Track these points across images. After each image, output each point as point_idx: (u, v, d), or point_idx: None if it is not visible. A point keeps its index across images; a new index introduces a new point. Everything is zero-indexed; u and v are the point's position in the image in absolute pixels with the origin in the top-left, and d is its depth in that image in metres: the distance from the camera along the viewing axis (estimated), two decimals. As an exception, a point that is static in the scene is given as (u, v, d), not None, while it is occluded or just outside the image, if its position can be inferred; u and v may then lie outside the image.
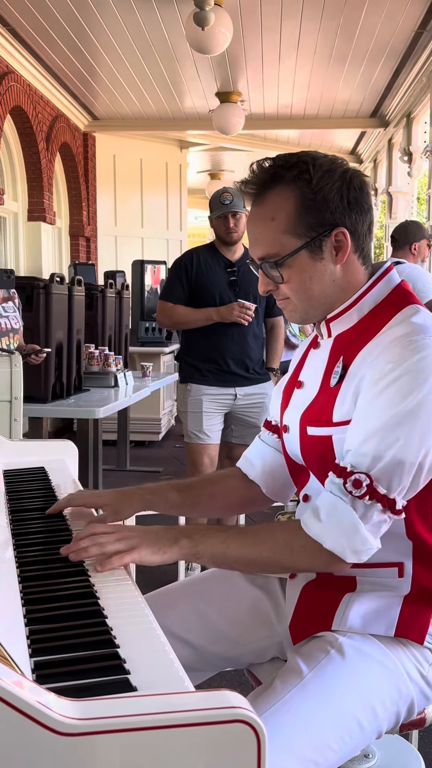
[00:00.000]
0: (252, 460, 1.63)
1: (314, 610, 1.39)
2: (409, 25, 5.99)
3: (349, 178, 1.35)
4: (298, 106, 8.48)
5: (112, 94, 8.02)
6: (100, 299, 5.29)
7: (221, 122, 7.84)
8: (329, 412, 1.35)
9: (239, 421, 3.61)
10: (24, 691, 0.73)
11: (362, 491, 1.23)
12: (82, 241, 9.12)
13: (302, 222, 1.33)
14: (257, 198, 1.37)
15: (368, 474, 1.23)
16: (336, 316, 1.40)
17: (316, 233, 1.33)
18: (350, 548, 1.25)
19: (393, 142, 9.00)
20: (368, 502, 1.23)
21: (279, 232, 1.34)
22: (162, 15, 5.82)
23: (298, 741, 1.18)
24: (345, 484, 1.25)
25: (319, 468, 1.40)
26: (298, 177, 1.33)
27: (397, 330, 1.29)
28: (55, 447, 2.08)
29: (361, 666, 1.29)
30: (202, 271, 3.51)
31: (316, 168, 1.34)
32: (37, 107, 7.39)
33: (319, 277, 1.36)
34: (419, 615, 1.34)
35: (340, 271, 1.37)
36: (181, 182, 10.47)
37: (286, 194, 1.34)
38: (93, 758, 0.73)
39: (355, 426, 1.28)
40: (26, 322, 3.85)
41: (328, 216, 1.33)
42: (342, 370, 1.35)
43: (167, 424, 7.56)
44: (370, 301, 1.38)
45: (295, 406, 1.47)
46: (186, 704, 0.77)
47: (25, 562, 1.31)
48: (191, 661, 1.44)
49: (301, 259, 1.35)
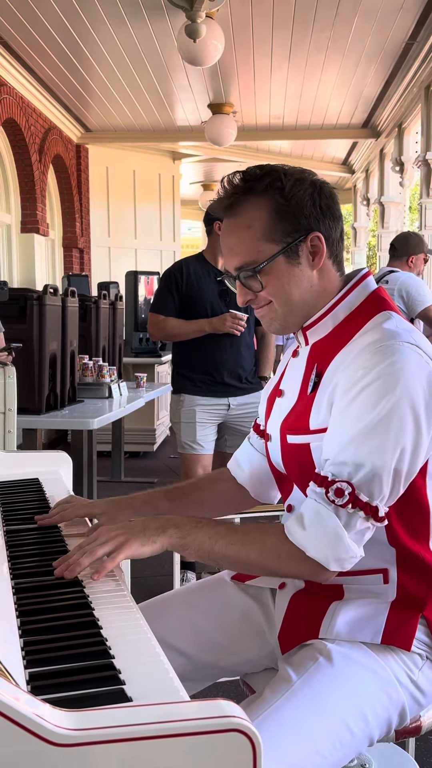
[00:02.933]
0: (241, 463, 1.65)
1: (302, 618, 1.39)
2: (399, 36, 6.03)
3: (319, 186, 1.38)
4: (289, 117, 8.52)
5: (105, 106, 8.05)
6: (93, 310, 5.28)
7: (214, 133, 7.87)
8: (306, 419, 1.36)
9: (233, 430, 3.61)
10: (20, 703, 0.72)
11: (345, 500, 1.23)
12: (76, 252, 9.14)
13: (278, 228, 1.35)
14: (231, 209, 1.38)
15: (350, 482, 1.24)
16: (312, 324, 1.41)
17: (292, 238, 1.35)
18: (333, 557, 1.24)
19: (385, 153, 9.05)
20: (351, 511, 1.23)
21: (255, 240, 1.36)
22: (154, 27, 5.85)
23: (288, 748, 1.18)
24: (327, 494, 1.25)
25: (300, 477, 1.41)
26: (270, 186, 1.35)
27: (368, 336, 1.30)
28: (50, 458, 2.08)
29: (350, 672, 1.29)
30: (192, 282, 3.50)
31: (287, 176, 1.37)
32: (30, 119, 7.41)
33: (297, 283, 1.37)
34: (406, 621, 1.35)
35: (316, 277, 1.39)
36: (174, 193, 10.50)
37: (259, 203, 1.35)
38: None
39: (331, 435, 1.29)
40: (20, 334, 3.85)
41: (303, 221, 1.35)
42: (316, 377, 1.37)
43: (162, 435, 7.56)
44: (344, 308, 1.39)
45: (276, 414, 1.49)
46: (181, 714, 0.77)
47: (19, 574, 1.31)
48: (185, 671, 1.44)
49: (278, 265, 1.36)
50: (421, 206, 6.85)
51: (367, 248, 12.63)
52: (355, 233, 11.75)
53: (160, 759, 0.74)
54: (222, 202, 1.39)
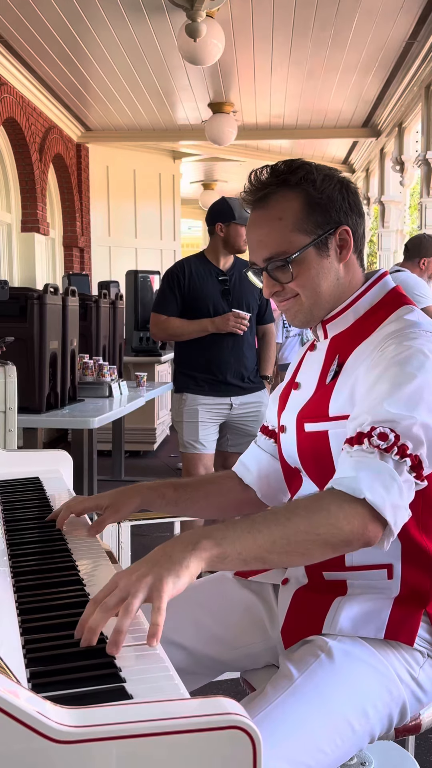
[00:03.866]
0: (248, 465, 1.64)
1: (305, 614, 1.39)
2: (399, 35, 6.03)
3: (346, 183, 1.43)
4: (290, 117, 8.52)
5: (105, 106, 8.05)
6: (94, 309, 5.28)
7: (214, 133, 7.87)
8: (325, 407, 1.37)
9: (235, 430, 3.61)
10: (20, 700, 0.73)
11: (389, 443, 1.18)
12: (76, 251, 9.14)
13: (310, 220, 1.37)
14: (261, 202, 1.40)
15: (393, 429, 1.20)
16: (332, 318, 1.43)
17: (323, 231, 1.38)
18: (390, 501, 1.16)
19: (385, 152, 9.05)
20: (396, 457, 1.18)
21: (287, 231, 1.37)
22: (154, 27, 5.85)
23: (288, 744, 1.18)
24: (370, 440, 1.19)
25: (315, 467, 1.41)
26: (303, 179, 1.38)
27: (392, 326, 1.33)
28: (50, 457, 2.08)
29: (351, 668, 1.29)
30: (194, 282, 3.50)
31: (318, 171, 1.40)
32: (30, 119, 7.41)
33: (326, 274, 1.40)
34: (409, 617, 1.35)
35: (342, 270, 1.42)
36: (175, 192, 10.50)
37: (291, 195, 1.38)
38: (90, 766, 0.73)
39: (362, 403, 1.27)
40: (20, 333, 3.85)
41: (334, 214, 1.39)
42: (337, 367, 1.38)
43: (162, 434, 7.56)
44: (365, 303, 1.42)
45: (292, 406, 1.49)
46: (182, 711, 0.77)
47: (20, 572, 1.31)
48: (186, 665, 1.44)
49: (309, 256, 1.38)
50: (421, 205, 6.85)
51: (368, 247, 12.62)
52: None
53: (160, 756, 0.74)
54: (253, 195, 1.41)
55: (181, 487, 1.60)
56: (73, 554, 1.40)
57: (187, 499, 1.60)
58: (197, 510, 1.69)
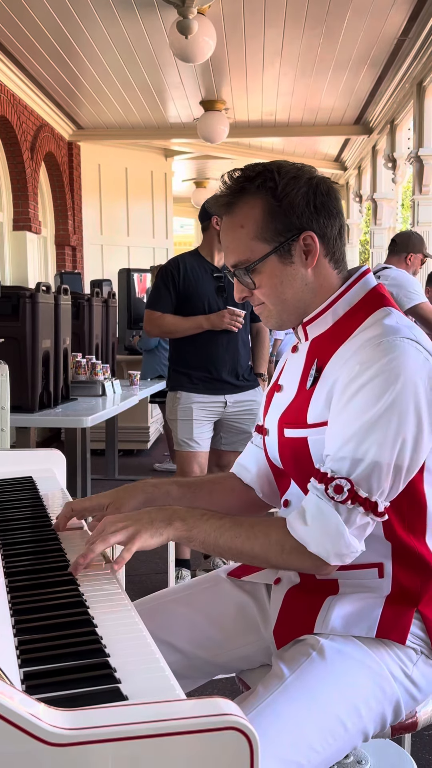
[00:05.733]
0: (246, 465, 1.64)
1: (297, 613, 1.39)
2: (391, 32, 6.03)
3: (315, 183, 1.38)
4: (282, 114, 8.52)
5: (97, 103, 8.03)
6: (86, 308, 5.27)
7: (206, 130, 7.86)
8: (304, 413, 1.37)
9: (229, 428, 3.60)
10: (14, 702, 0.72)
11: (344, 496, 1.25)
12: (68, 250, 9.12)
13: (269, 228, 1.37)
14: (228, 208, 1.40)
15: (348, 478, 1.25)
16: (312, 320, 1.43)
17: (284, 238, 1.37)
18: (334, 552, 1.26)
19: (377, 149, 9.06)
20: (350, 506, 1.25)
21: (248, 239, 1.38)
22: (145, 24, 5.84)
23: (280, 743, 1.18)
24: (327, 490, 1.26)
25: (296, 471, 1.42)
26: (262, 185, 1.36)
27: (369, 332, 1.31)
28: (43, 456, 2.07)
29: (343, 666, 1.29)
30: (189, 279, 3.49)
31: (281, 175, 1.37)
32: (21, 117, 7.39)
33: (291, 281, 1.39)
34: (401, 615, 1.35)
35: (311, 275, 1.40)
36: (167, 191, 10.49)
37: (252, 202, 1.37)
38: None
39: (331, 431, 1.30)
40: (12, 332, 3.83)
41: (295, 221, 1.36)
42: (316, 372, 1.38)
43: (155, 433, 7.55)
44: (344, 304, 1.40)
45: (274, 409, 1.50)
46: (178, 712, 0.76)
47: (13, 572, 1.30)
48: (180, 667, 1.43)
49: (271, 264, 1.38)
50: (413, 203, 6.86)
51: (360, 245, 12.64)
52: (348, 230, 11.75)
53: (156, 758, 0.74)
54: (218, 200, 1.42)
55: (185, 486, 1.61)
56: (67, 554, 1.39)
57: (191, 497, 1.60)
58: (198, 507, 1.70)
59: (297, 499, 1.43)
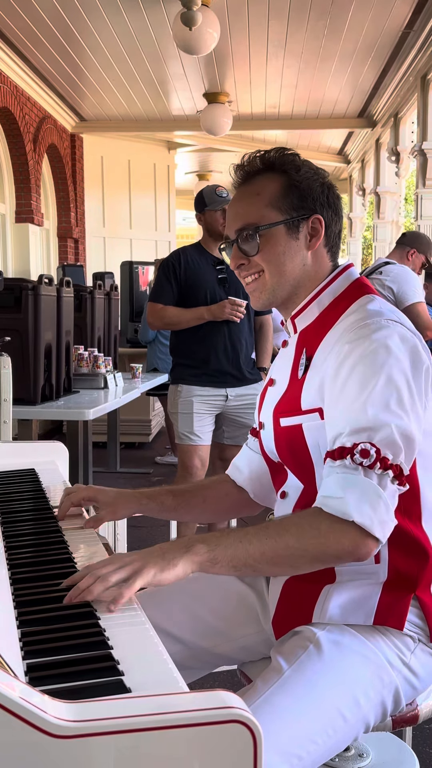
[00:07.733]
0: (239, 466, 1.67)
1: (295, 604, 1.39)
2: (395, 25, 6.00)
3: (329, 184, 1.48)
4: (285, 107, 8.49)
5: (100, 95, 8.01)
6: (89, 300, 5.26)
7: (209, 123, 7.84)
8: (298, 401, 1.39)
9: (231, 422, 3.59)
10: (17, 694, 0.72)
11: (372, 460, 1.22)
12: (71, 242, 9.11)
13: (286, 200, 1.43)
14: (246, 180, 1.47)
15: (372, 443, 1.23)
16: (299, 312, 1.47)
17: (296, 213, 1.43)
18: (378, 519, 1.21)
19: (381, 142, 9.03)
20: (379, 472, 1.22)
21: (262, 205, 1.43)
22: (149, 15, 5.81)
23: (280, 737, 1.18)
24: (352, 457, 1.22)
25: (293, 461, 1.43)
26: (287, 165, 1.44)
27: (353, 316, 1.36)
28: (45, 449, 2.08)
29: (340, 658, 1.29)
30: (191, 270, 3.48)
31: (304, 164, 1.47)
32: (24, 108, 7.37)
33: (292, 256, 1.43)
34: (398, 602, 1.35)
35: (310, 258, 1.45)
36: (170, 183, 10.47)
37: (274, 176, 1.44)
38: (88, 760, 0.72)
39: (336, 411, 1.30)
40: (14, 324, 3.83)
41: (310, 202, 1.44)
42: (306, 361, 1.41)
43: (157, 426, 7.55)
44: (329, 295, 1.45)
45: (268, 402, 1.52)
46: (181, 705, 0.76)
47: (16, 564, 1.30)
48: (182, 658, 1.44)
49: (278, 232, 1.42)
50: (417, 196, 6.84)
51: (363, 239, 12.61)
52: (351, 223, 11.73)
53: (158, 751, 0.74)
54: (238, 173, 1.47)
55: (179, 494, 1.64)
56: (70, 546, 1.40)
57: (185, 504, 1.63)
58: (195, 515, 1.74)
59: (295, 491, 1.44)
